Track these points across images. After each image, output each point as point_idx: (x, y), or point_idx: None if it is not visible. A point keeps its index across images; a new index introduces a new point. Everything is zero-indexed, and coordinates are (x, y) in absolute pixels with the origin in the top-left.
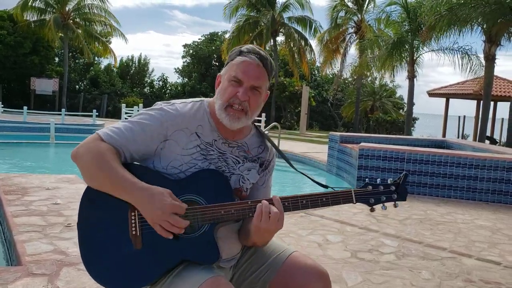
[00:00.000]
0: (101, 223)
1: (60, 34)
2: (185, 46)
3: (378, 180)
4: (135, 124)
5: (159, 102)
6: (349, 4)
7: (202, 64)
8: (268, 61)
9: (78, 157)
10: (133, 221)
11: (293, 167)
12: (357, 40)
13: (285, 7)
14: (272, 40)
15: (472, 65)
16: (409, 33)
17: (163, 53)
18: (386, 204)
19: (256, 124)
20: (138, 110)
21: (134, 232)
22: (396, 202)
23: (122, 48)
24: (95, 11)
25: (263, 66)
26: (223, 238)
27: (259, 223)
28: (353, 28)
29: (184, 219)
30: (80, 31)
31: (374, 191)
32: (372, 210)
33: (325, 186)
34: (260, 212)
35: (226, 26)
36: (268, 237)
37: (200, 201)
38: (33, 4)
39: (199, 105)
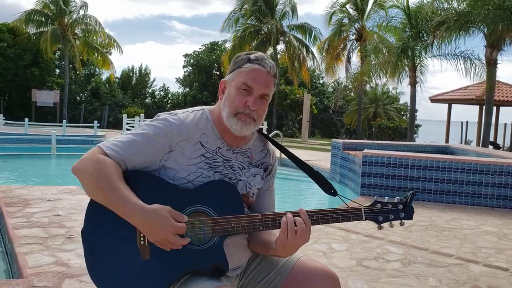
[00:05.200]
0: (108, 233)
1: (58, 46)
2: (185, 56)
3: (386, 198)
4: (139, 136)
5: (161, 113)
6: (350, 10)
7: (203, 74)
8: (275, 68)
9: (78, 172)
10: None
11: (304, 166)
12: (359, 47)
13: (284, 14)
14: (272, 48)
15: (476, 69)
16: (410, 39)
17: (163, 63)
18: (393, 223)
19: (288, 150)
20: (139, 121)
21: (142, 243)
22: (403, 220)
23: (122, 59)
24: (90, 21)
25: (272, 74)
26: (231, 247)
27: (286, 240)
28: (354, 35)
29: (192, 230)
30: (79, 43)
31: (383, 209)
32: (380, 228)
33: (334, 193)
34: (285, 229)
35: (225, 36)
36: (294, 251)
37: (210, 212)
38: (35, 17)
39: (201, 113)
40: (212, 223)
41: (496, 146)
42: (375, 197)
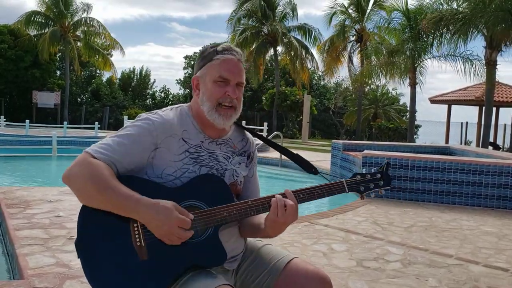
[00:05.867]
0: (103, 240)
1: (58, 47)
2: (186, 57)
3: (364, 170)
4: (124, 137)
5: (142, 114)
6: (350, 11)
7: None
8: (243, 54)
9: (71, 180)
10: (136, 232)
11: (280, 148)
12: (359, 49)
13: (284, 16)
14: (272, 50)
15: (476, 69)
16: (410, 40)
17: (164, 65)
18: (374, 191)
19: (259, 133)
20: None
21: (138, 243)
22: (383, 188)
23: (123, 61)
24: (92, 23)
25: (241, 60)
26: (226, 237)
27: (277, 217)
28: (354, 36)
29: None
30: (80, 44)
31: (363, 179)
32: (362, 198)
33: (315, 172)
34: (276, 207)
35: (225, 37)
36: (284, 228)
37: (202, 206)
38: (35, 19)
39: (180, 110)
40: (205, 215)
41: (496, 147)
42: (358, 174)
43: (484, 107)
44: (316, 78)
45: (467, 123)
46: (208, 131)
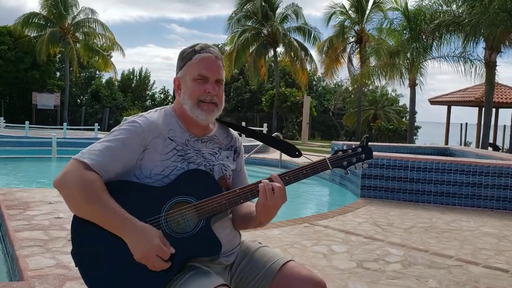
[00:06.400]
0: (98, 242)
1: (58, 48)
2: None
3: (344, 146)
4: (113, 141)
5: (128, 117)
6: (350, 12)
7: None
8: (220, 53)
9: (62, 187)
10: None
11: (263, 138)
12: (358, 50)
13: (285, 17)
14: (272, 51)
15: (476, 69)
16: (410, 41)
17: (164, 66)
18: (357, 165)
19: (233, 123)
20: None
21: None
22: (366, 161)
23: (122, 62)
24: (92, 25)
25: (219, 58)
26: (219, 229)
27: (266, 200)
28: (354, 38)
29: (178, 221)
30: (80, 45)
31: (345, 155)
32: (346, 173)
33: (299, 154)
34: (264, 191)
35: (225, 39)
36: (274, 212)
37: (192, 200)
38: (34, 20)
39: (164, 111)
40: (195, 209)
41: (495, 148)
42: (339, 151)
43: (483, 108)
44: (315, 79)
45: (466, 124)
46: (193, 129)
